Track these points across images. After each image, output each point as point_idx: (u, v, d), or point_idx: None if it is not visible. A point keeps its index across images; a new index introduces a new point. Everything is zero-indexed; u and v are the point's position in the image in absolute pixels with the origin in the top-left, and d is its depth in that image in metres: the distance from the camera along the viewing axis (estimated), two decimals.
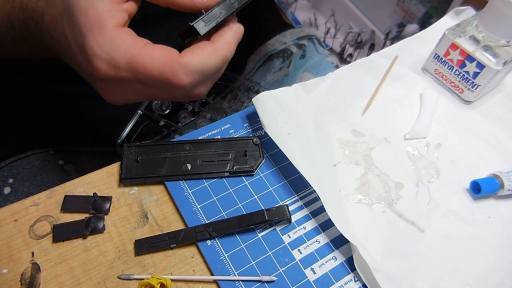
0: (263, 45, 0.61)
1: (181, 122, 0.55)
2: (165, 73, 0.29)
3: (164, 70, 0.29)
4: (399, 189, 0.37)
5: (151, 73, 0.29)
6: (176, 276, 0.31)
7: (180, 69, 0.29)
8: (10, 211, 0.33)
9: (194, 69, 0.29)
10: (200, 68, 0.30)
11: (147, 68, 0.28)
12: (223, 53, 0.31)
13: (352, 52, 1.29)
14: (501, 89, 0.45)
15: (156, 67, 0.28)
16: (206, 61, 0.30)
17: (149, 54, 0.28)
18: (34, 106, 0.51)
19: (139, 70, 0.28)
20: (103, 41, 0.28)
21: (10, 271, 0.31)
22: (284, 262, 0.32)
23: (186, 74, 0.29)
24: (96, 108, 0.54)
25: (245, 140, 0.38)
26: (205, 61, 0.30)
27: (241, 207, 0.35)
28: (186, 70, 0.29)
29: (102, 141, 0.53)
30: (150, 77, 0.29)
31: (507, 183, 0.36)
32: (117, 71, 0.29)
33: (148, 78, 0.29)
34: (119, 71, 0.29)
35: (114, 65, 0.28)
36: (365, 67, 0.45)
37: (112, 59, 0.28)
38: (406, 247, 0.34)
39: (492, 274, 0.33)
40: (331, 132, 0.40)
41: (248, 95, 0.58)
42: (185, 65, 0.29)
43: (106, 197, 0.34)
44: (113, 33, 0.28)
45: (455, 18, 0.49)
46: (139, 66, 0.28)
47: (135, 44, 0.29)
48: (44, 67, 0.48)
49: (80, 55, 0.29)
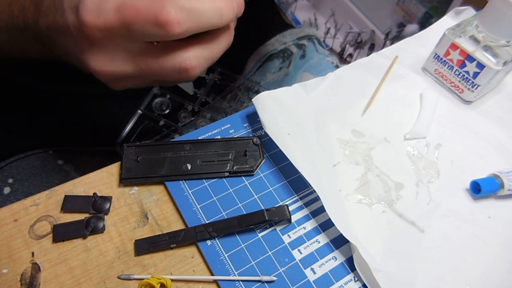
0: (263, 45, 0.61)
1: (181, 122, 0.55)
2: (152, 8, 0.28)
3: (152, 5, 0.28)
4: (399, 189, 0.37)
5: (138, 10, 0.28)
6: (176, 276, 0.31)
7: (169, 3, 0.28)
8: (10, 211, 0.33)
9: (185, 5, 0.28)
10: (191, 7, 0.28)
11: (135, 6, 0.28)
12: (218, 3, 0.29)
13: (352, 52, 1.29)
14: (501, 89, 0.45)
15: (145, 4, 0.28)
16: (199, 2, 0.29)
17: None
18: (34, 106, 0.51)
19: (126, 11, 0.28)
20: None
21: (10, 271, 0.31)
22: (284, 262, 0.32)
23: (174, 8, 0.28)
24: (96, 107, 0.54)
25: (245, 140, 0.38)
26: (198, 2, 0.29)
27: (241, 207, 0.35)
28: (176, 5, 0.28)
29: (101, 141, 0.53)
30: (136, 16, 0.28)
31: (507, 183, 0.36)
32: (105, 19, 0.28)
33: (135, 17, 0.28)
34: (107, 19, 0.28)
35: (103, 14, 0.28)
36: (365, 67, 0.45)
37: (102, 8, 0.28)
38: (406, 247, 0.34)
39: (492, 274, 0.33)
40: (331, 132, 0.40)
41: (248, 95, 0.58)
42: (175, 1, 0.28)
43: (106, 197, 0.34)
44: None
45: (455, 18, 0.49)
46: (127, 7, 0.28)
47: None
48: (44, 66, 0.48)
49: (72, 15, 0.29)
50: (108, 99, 0.53)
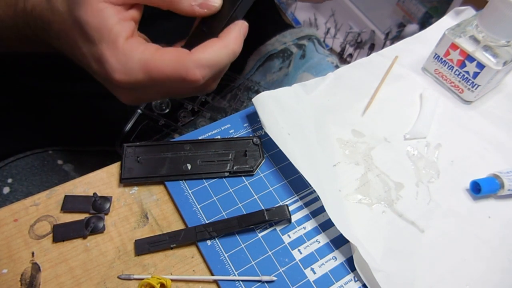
0: (263, 45, 0.61)
1: (180, 121, 0.55)
2: (179, 70, 0.30)
3: (178, 68, 0.30)
4: (399, 189, 0.37)
5: (165, 73, 0.30)
6: (176, 276, 0.31)
7: (192, 65, 0.30)
8: (10, 211, 0.33)
9: (206, 63, 0.31)
10: (212, 62, 0.31)
11: (161, 69, 0.30)
12: (232, 47, 0.32)
13: (352, 52, 1.29)
14: (501, 89, 0.45)
15: (170, 66, 0.30)
16: (216, 55, 0.31)
17: (161, 57, 0.30)
18: (33, 106, 0.51)
19: (153, 73, 0.30)
20: (118, 55, 0.30)
21: (10, 271, 0.31)
22: (284, 262, 0.32)
23: (198, 69, 0.30)
24: (95, 107, 0.53)
25: (245, 140, 0.38)
26: (215, 56, 0.31)
27: (241, 207, 0.35)
28: (199, 65, 0.30)
29: (101, 140, 0.53)
30: (165, 77, 0.30)
31: (507, 183, 0.36)
32: (134, 78, 0.30)
33: (163, 78, 0.30)
34: (136, 78, 0.31)
35: (131, 74, 0.30)
36: (365, 67, 0.45)
37: (129, 69, 0.30)
38: (406, 247, 0.34)
39: (492, 274, 0.33)
40: (331, 132, 0.40)
41: (248, 94, 0.58)
42: (197, 60, 0.30)
43: (106, 197, 0.34)
44: (126, 45, 0.30)
45: (455, 18, 0.49)
46: (153, 69, 0.30)
47: (147, 50, 0.30)
48: (44, 66, 0.48)
49: (96, 65, 0.31)
50: (107, 99, 0.53)
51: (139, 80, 0.31)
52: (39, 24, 0.33)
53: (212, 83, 0.35)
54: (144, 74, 0.30)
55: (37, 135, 0.51)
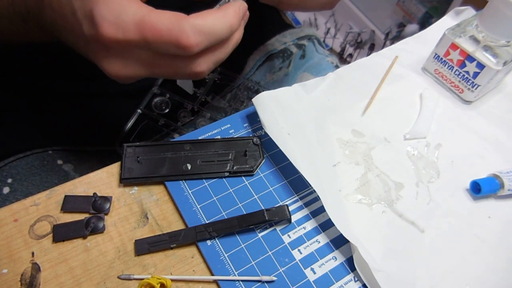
0: (263, 44, 0.61)
1: (180, 121, 0.55)
2: (174, 31, 0.28)
3: (173, 28, 0.28)
4: (399, 189, 0.37)
5: (159, 32, 0.28)
6: (176, 276, 0.31)
7: (188, 28, 0.29)
8: (10, 211, 0.33)
9: (202, 29, 0.29)
10: (208, 30, 0.30)
11: (155, 27, 0.28)
12: (230, 20, 0.31)
13: (352, 52, 1.29)
14: (501, 89, 0.45)
15: (165, 26, 0.28)
16: (214, 23, 0.30)
17: (157, 15, 0.29)
18: (33, 106, 0.51)
19: (147, 29, 0.28)
20: (111, 5, 0.28)
21: (10, 271, 0.31)
22: (284, 262, 0.32)
23: (194, 34, 0.29)
24: (95, 107, 0.53)
25: (245, 140, 0.38)
26: (212, 23, 0.30)
27: (241, 207, 0.35)
28: (195, 30, 0.29)
29: (101, 140, 0.53)
30: (158, 37, 0.29)
31: (507, 183, 0.36)
32: (124, 33, 0.29)
33: (156, 37, 0.29)
34: (127, 33, 0.29)
35: (122, 27, 0.28)
36: (365, 67, 0.45)
37: (121, 21, 0.28)
38: (406, 247, 0.34)
39: (492, 274, 0.33)
40: (331, 132, 0.40)
41: (248, 94, 0.58)
42: (194, 25, 0.29)
43: (106, 197, 0.34)
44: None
45: (455, 18, 0.49)
46: (147, 26, 0.28)
47: (144, 7, 0.29)
48: (44, 66, 0.48)
49: (86, 21, 0.29)
50: (107, 99, 0.53)
51: (130, 38, 0.29)
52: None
53: (204, 63, 0.32)
54: (137, 31, 0.28)
55: (37, 135, 0.51)
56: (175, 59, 0.31)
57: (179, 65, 0.32)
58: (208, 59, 0.32)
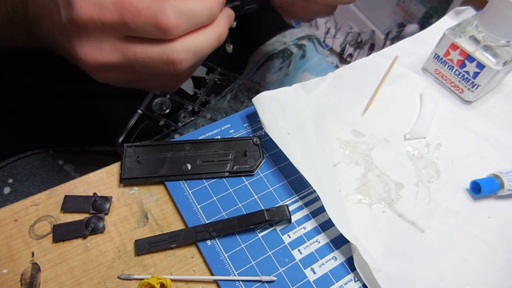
0: (263, 45, 0.61)
1: (181, 121, 0.55)
2: (153, 11, 0.28)
3: (153, 8, 0.28)
4: (399, 189, 0.37)
5: (138, 10, 0.28)
6: (176, 276, 0.31)
7: (169, 8, 0.28)
8: (10, 211, 0.33)
9: (183, 10, 0.29)
10: (189, 11, 0.29)
11: (135, 5, 0.27)
12: (211, 3, 0.30)
13: (352, 52, 1.29)
14: (501, 89, 0.45)
15: (145, 4, 0.28)
16: (194, 5, 0.29)
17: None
18: (34, 106, 0.51)
19: (126, 8, 0.27)
20: None
21: (10, 271, 0.31)
22: (284, 262, 0.32)
23: (174, 14, 0.28)
24: (96, 107, 0.54)
25: (245, 140, 0.38)
26: (193, 5, 0.29)
27: (241, 207, 0.35)
28: (175, 10, 0.28)
29: (101, 141, 0.53)
30: (137, 16, 0.28)
31: (507, 183, 0.36)
32: (102, 11, 0.28)
33: (135, 17, 0.28)
34: (104, 12, 0.28)
35: (100, 5, 0.28)
36: (365, 67, 0.45)
37: (99, 0, 0.28)
38: (406, 247, 0.34)
39: (492, 274, 0.33)
40: (331, 132, 0.40)
41: (248, 95, 0.58)
42: (174, 5, 0.28)
43: (106, 197, 0.34)
44: None
45: (455, 18, 0.49)
46: (127, 4, 0.27)
47: None
48: (45, 66, 0.48)
49: (62, 2, 0.28)
50: (108, 99, 0.53)
51: (107, 18, 0.28)
52: None
53: (182, 51, 0.30)
54: (115, 10, 0.27)
55: (38, 135, 0.51)
56: (152, 44, 0.30)
57: (156, 51, 0.30)
58: (187, 46, 0.31)
